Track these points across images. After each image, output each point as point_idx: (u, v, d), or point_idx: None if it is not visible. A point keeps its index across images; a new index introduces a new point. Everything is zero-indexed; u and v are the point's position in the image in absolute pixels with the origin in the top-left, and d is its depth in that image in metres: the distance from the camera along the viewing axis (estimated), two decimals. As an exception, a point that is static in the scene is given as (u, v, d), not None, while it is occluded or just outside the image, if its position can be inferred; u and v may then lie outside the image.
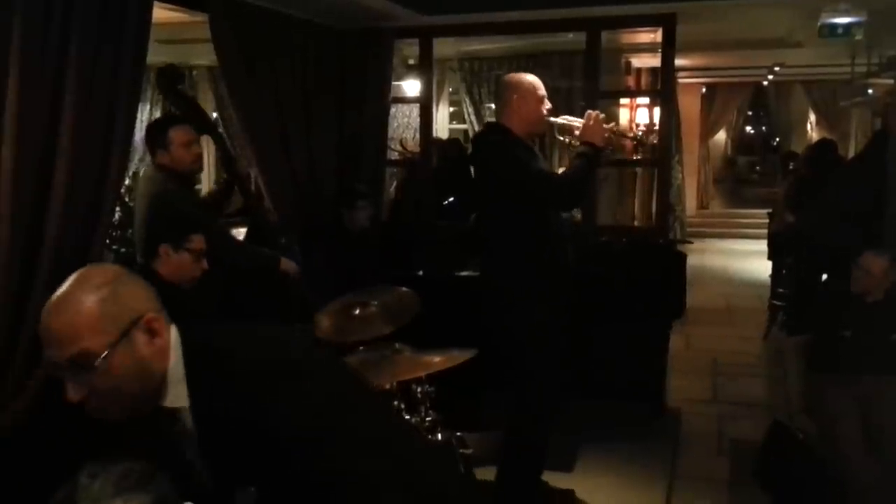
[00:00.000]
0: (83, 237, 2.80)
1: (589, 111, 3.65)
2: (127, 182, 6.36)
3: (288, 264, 4.15)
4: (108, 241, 4.45)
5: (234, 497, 1.60)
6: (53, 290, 2.56)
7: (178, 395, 1.60)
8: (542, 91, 3.69)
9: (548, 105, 3.70)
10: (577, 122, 3.68)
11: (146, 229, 3.60)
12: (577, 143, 3.65)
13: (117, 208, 5.36)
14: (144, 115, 7.70)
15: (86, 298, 1.51)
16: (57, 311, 1.52)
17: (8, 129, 2.50)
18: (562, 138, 3.80)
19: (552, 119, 3.71)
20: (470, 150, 3.85)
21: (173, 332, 1.63)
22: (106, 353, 1.50)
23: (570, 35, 6.00)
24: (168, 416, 1.61)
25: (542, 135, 4.09)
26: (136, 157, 7.57)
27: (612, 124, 3.68)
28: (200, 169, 4.09)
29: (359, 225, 4.80)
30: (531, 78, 3.71)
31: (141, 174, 4.72)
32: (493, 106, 7.59)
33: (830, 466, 3.60)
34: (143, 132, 7.54)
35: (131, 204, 6.30)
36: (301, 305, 3.99)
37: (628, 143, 3.85)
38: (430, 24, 5.38)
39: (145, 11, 3.04)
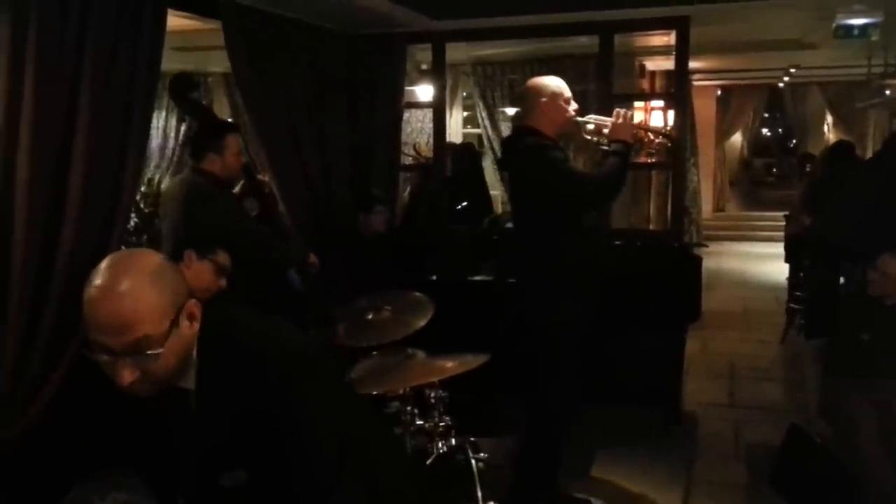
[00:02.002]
0: (99, 243, 2.81)
1: (617, 109, 3.73)
2: (142, 189, 6.40)
3: (314, 258, 4.23)
4: (123, 247, 4.48)
5: (219, 478, 1.66)
6: (69, 296, 2.63)
7: (191, 378, 1.69)
8: (568, 92, 3.73)
9: (574, 105, 3.74)
10: (605, 120, 3.71)
11: (187, 229, 3.66)
12: (606, 143, 3.69)
13: (132, 215, 5.40)
14: (160, 122, 7.76)
15: (142, 286, 1.55)
16: (113, 298, 1.53)
17: (24, 136, 2.52)
18: (590, 137, 3.81)
19: (580, 119, 3.74)
20: (501, 155, 3.90)
21: None
22: (164, 338, 1.57)
23: (584, 38, 5.99)
24: (178, 397, 1.69)
25: (572, 136, 4.10)
26: (151, 164, 7.65)
27: (640, 121, 3.71)
28: (239, 178, 4.17)
29: (374, 230, 4.82)
30: (556, 80, 3.75)
31: (173, 179, 4.76)
32: (506, 110, 7.60)
33: (849, 471, 3.56)
34: (159, 139, 7.72)
35: (146, 210, 6.35)
36: (317, 310, 4.01)
37: (656, 140, 3.84)
38: (442, 30, 5.39)
39: (160, 19, 3.06)
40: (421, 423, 3.24)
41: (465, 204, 6.49)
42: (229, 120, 8.11)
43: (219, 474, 1.67)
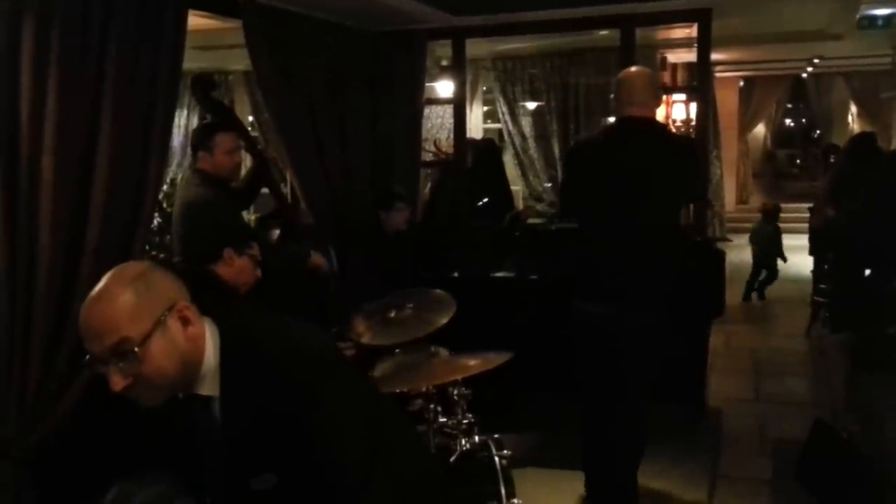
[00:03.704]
0: (123, 243, 2.84)
1: None
2: (165, 188, 6.45)
3: (318, 258, 4.19)
4: (147, 246, 4.52)
5: (248, 484, 1.68)
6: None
7: (212, 385, 1.70)
8: None
9: None
10: None
11: (183, 234, 3.68)
12: None
13: (156, 214, 5.44)
14: (181, 120, 7.81)
15: (120, 290, 1.59)
16: (94, 305, 1.59)
17: (48, 137, 2.54)
18: None
19: None
20: (622, 145, 3.50)
21: (208, 325, 1.71)
22: (144, 340, 1.58)
23: (604, 32, 5.96)
24: (200, 404, 1.71)
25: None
26: (173, 163, 7.70)
27: None
28: (238, 177, 4.17)
29: (395, 227, 4.81)
30: None
31: (179, 179, 4.81)
32: (527, 104, 7.58)
33: (875, 466, 3.53)
34: (181, 137, 7.76)
35: (169, 210, 6.39)
36: (335, 306, 4.02)
37: None
38: (462, 25, 5.38)
39: (181, 19, 3.08)
40: (444, 420, 3.23)
41: (486, 200, 6.48)
42: (250, 118, 8.17)
43: (248, 479, 1.69)
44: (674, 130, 9.24)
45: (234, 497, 1.72)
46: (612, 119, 3.62)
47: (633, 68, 3.59)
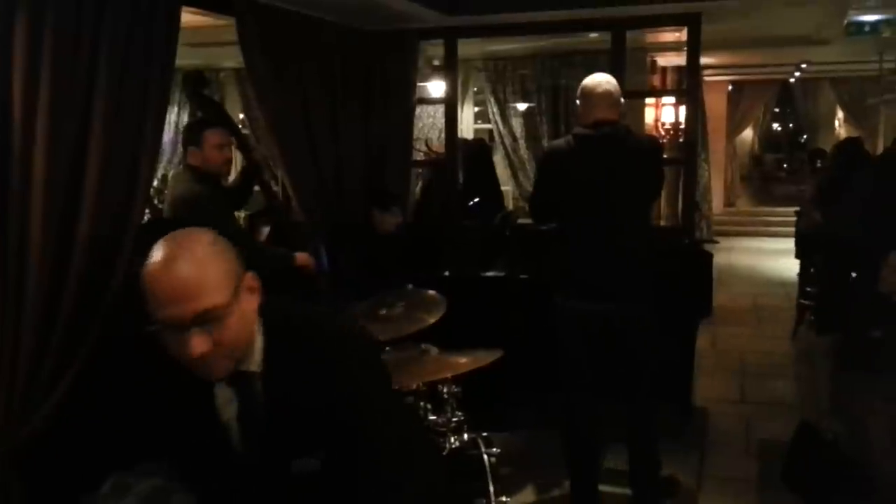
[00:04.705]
0: (114, 239, 2.84)
1: None
2: (155, 184, 6.44)
3: (304, 258, 4.20)
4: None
5: (289, 466, 1.69)
6: (85, 292, 2.66)
7: (256, 362, 1.70)
8: None
9: None
10: None
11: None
12: None
13: (146, 210, 5.42)
14: (172, 117, 7.80)
15: (208, 257, 1.59)
16: (182, 269, 1.56)
17: (40, 133, 2.54)
18: None
19: None
20: (605, 148, 3.68)
21: None
22: (228, 307, 1.58)
23: (595, 34, 5.99)
24: (245, 379, 1.70)
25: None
26: (164, 160, 7.69)
27: None
28: (228, 172, 4.18)
29: (387, 229, 4.82)
30: None
31: (170, 175, 4.82)
32: (518, 105, 7.62)
33: (859, 467, 3.57)
34: (172, 134, 7.75)
35: (160, 206, 6.39)
36: (325, 305, 4.03)
37: None
38: (454, 26, 5.40)
39: (174, 16, 3.08)
40: (434, 418, 3.25)
41: (476, 200, 6.50)
42: (241, 115, 8.16)
43: (289, 461, 1.69)
44: (663, 133, 9.32)
45: (276, 480, 1.71)
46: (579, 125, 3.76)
47: (598, 75, 3.77)
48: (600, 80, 3.71)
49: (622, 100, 3.73)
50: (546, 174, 3.90)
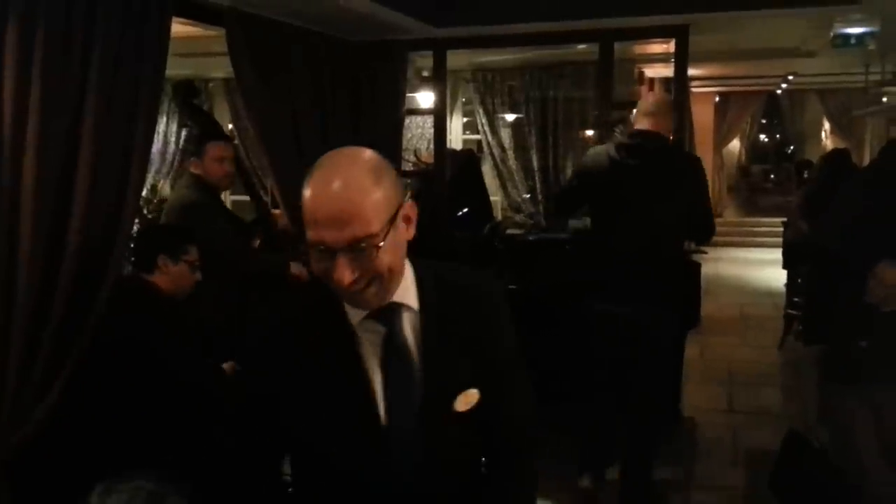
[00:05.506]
0: (104, 247, 2.84)
1: None
2: (144, 193, 6.43)
3: (297, 268, 4.22)
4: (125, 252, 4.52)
5: (451, 405, 1.65)
6: (75, 298, 2.65)
7: (404, 294, 1.64)
8: None
9: None
10: None
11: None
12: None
13: (135, 219, 5.41)
14: (161, 127, 7.79)
15: (373, 183, 1.51)
16: (343, 193, 1.49)
17: (30, 142, 2.54)
18: None
19: None
20: (637, 155, 3.91)
21: None
22: (384, 236, 1.51)
23: (583, 45, 6.02)
24: (397, 312, 1.64)
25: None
26: (152, 169, 7.67)
27: None
28: (229, 185, 4.22)
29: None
30: None
31: (160, 185, 4.84)
32: (506, 116, 7.63)
33: (846, 477, 3.58)
34: (160, 144, 7.74)
35: (149, 215, 6.38)
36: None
37: None
38: (443, 37, 5.41)
39: (165, 27, 3.09)
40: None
41: (465, 210, 6.51)
42: (230, 125, 8.16)
43: (450, 397, 1.65)
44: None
45: (437, 420, 1.65)
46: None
47: (657, 91, 4.04)
48: (651, 93, 3.94)
49: (671, 114, 3.96)
50: (582, 175, 4.15)
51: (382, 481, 1.61)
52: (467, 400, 1.66)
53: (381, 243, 1.50)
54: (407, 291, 1.64)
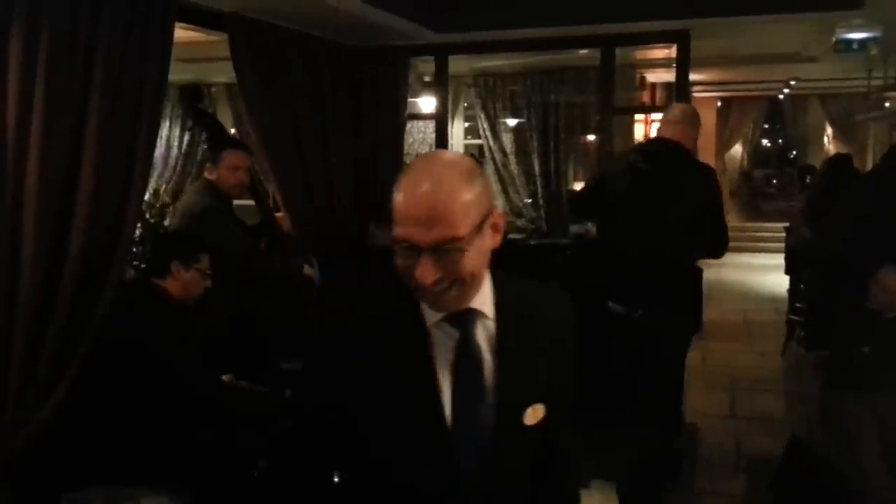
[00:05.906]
0: (106, 251, 2.84)
1: None
2: (147, 197, 6.44)
3: (310, 270, 4.28)
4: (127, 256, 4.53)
5: (521, 417, 1.64)
6: (78, 303, 2.65)
7: (481, 301, 1.63)
8: None
9: None
10: None
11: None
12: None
13: (138, 224, 5.43)
14: (164, 132, 7.81)
15: (466, 186, 1.50)
16: (435, 194, 1.48)
17: (34, 145, 2.54)
18: None
19: None
20: (652, 161, 4.00)
21: None
22: (470, 240, 1.50)
23: (585, 51, 6.02)
24: (472, 317, 1.63)
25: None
26: (154, 174, 7.68)
27: None
28: (240, 195, 4.23)
29: (384, 242, 4.82)
30: None
31: (162, 190, 4.85)
32: (507, 121, 7.64)
33: (849, 483, 3.58)
34: (163, 149, 7.76)
35: (151, 220, 6.38)
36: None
37: None
38: (445, 42, 5.42)
39: (168, 32, 3.09)
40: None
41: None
42: (232, 130, 8.18)
43: (522, 408, 1.64)
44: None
45: (508, 434, 1.63)
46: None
47: (684, 104, 4.30)
48: (677, 104, 4.14)
49: (697, 125, 4.04)
50: (598, 178, 4.27)
51: (442, 487, 1.60)
52: (535, 415, 1.65)
53: (467, 247, 1.49)
54: (484, 299, 1.63)
